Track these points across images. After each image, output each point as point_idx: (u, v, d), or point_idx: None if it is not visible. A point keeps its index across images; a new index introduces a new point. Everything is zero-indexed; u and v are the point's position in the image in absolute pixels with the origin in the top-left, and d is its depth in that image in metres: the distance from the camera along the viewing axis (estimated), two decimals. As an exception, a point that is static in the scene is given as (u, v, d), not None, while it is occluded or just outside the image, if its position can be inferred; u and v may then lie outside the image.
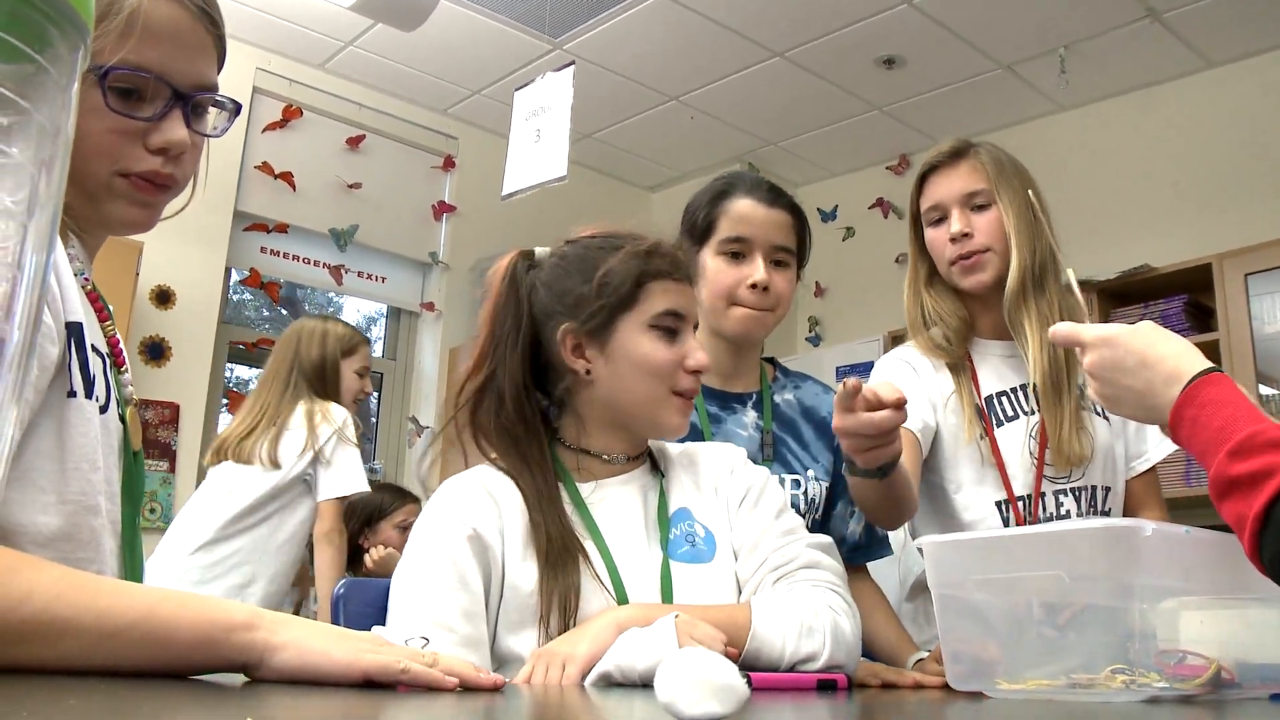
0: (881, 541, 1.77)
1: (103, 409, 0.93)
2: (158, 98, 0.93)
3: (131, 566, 0.99)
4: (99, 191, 0.93)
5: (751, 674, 0.62)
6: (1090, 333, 1.10)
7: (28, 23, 0.36)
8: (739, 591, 1.26)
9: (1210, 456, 0.94)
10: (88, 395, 0.91)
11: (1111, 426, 1.73)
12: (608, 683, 1.06)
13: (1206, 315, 3.92)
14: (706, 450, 1.41)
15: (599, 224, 1.35)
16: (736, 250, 1.66)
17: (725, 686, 0.57)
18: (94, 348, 0.93)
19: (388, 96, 4.73)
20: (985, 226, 1.67)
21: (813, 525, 1.72)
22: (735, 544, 1.29)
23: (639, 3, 3.96)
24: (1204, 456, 0.95)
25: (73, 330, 0.89)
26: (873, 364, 1.87)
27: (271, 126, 4.42)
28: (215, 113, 1.01)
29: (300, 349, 2.94)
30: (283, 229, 4.45)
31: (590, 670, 1.08)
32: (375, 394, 4.67)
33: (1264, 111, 4.05)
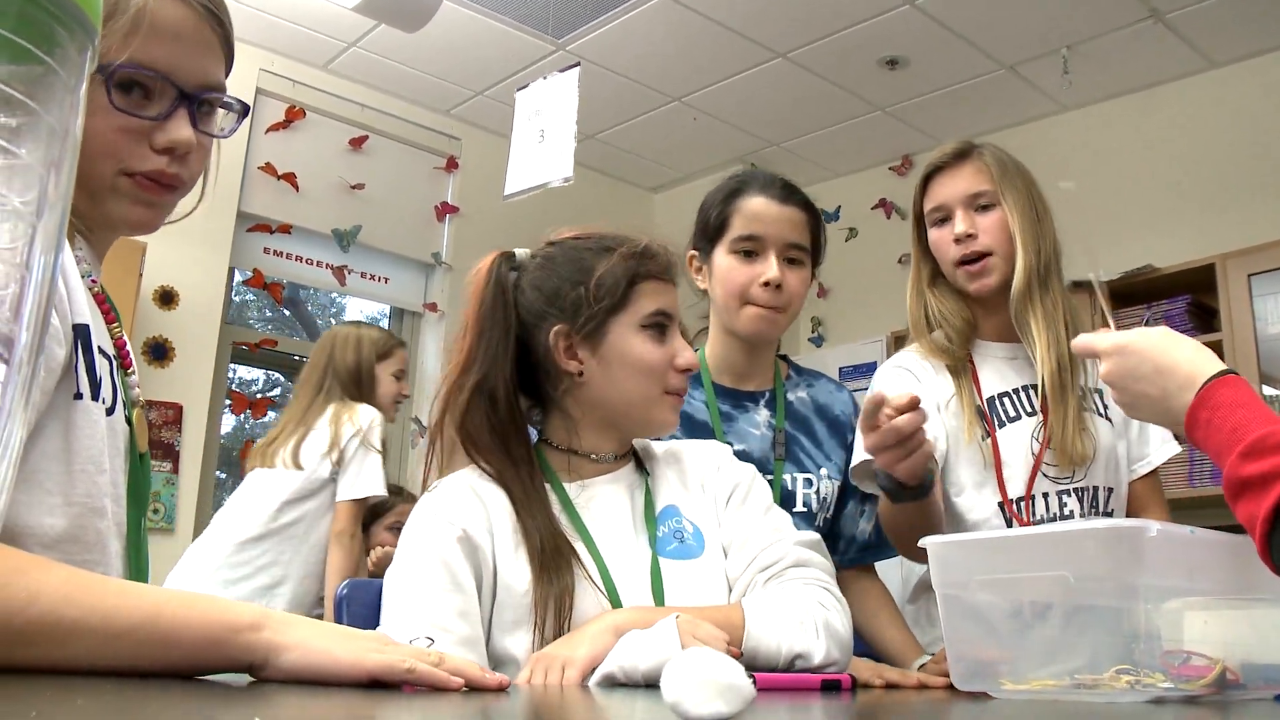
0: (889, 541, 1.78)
1: (109, 411, 0.93)
2: (163, 97, 0.93)
3: (137, 568, 0.99)
4: (103, 191, 0.93)
5: (756, 674, 0.62)
6: (1105, 342, 1.12)
7: (36, 24, 0.36)
8: (729, 588, 1.26)
9: (1224, 458, 0.94)
10: (94, 397, 0.90)
11: (1114, 428, 1.73)
12: (611, 684, 1.06)
13: (1210, 316, 3.91)
14: (691, 447, 1.42)
15: (579, 225, 1.36)
16: (749, 249, 1.65)
17: (731, 686, 0.57)
18: (100, 350, 0.93)
19: (391, 97, 4.73)
20: (989, 227, 1.67)
21: (825, 523, 1.72)
22: (724, 541, 1.30)
23: (641, 3, 3.96)
24: (1219, 458, 0.96)
25: (79, 332, 0.89)
26: (875, 364, 1.87)
27: (275, 127, 4.43)
28: (223, 114, 1.02)
29: (334, 354, 2.95)
30: (286, 230, 4.45)
31: (590, 673, 1.08)
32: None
33: (1267, 111, 4.04)
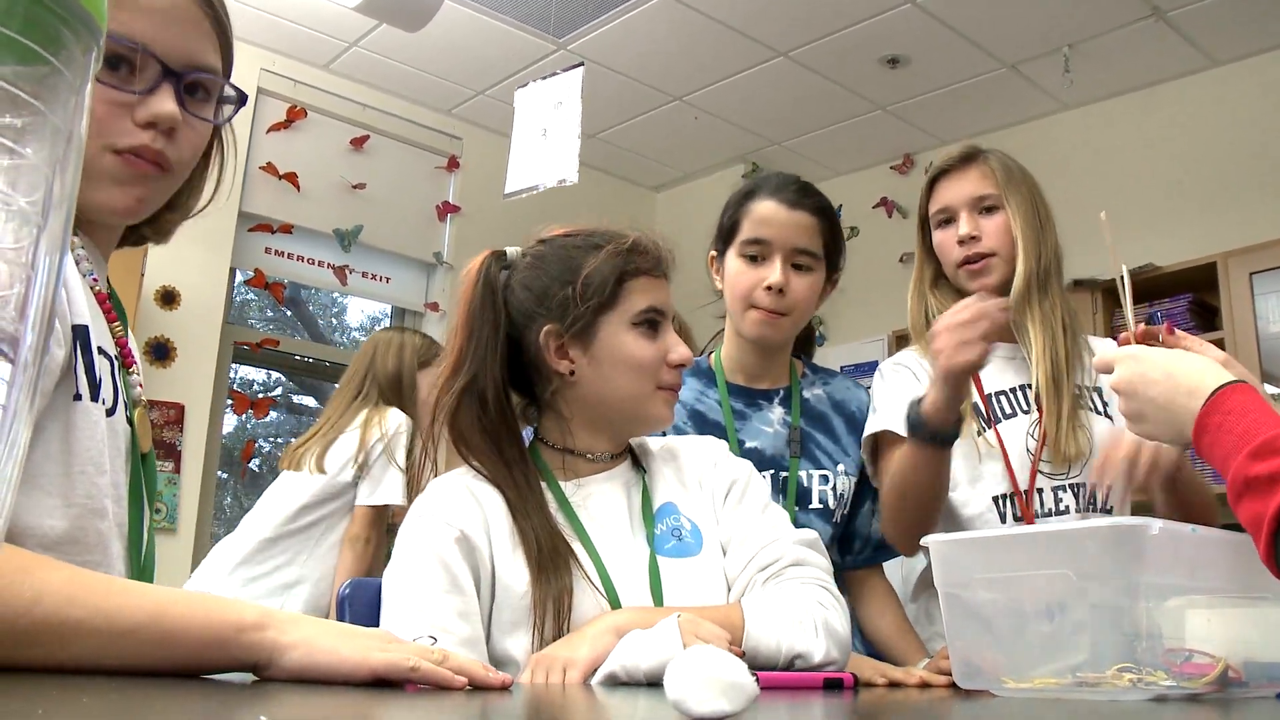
0: None
1: (109, 411, 0.93)
2: (147, 71, 0.91)
3: (140, 569, 0.99)
4: (90, 174, 0.90)
5: (759, 673, 0.62)
6: (1120, 352, 1.15)
7: (42, 25, 0.36)
8: (727, 586, 1.26)
9: (1231, 460, 0.94)
10: (93, 398, 0.90)
11: (1114, 425, 1.74)
12: (613, 683, 1.06)
13: (1211, 314, 3.91)
14: (687, 444, 1.41)
15: (570, 223, 1.35)
16: (755, 253, 1.65)
17: (735, 684, 0.57)
18: (101, 350, 0.93)
19: (392, 97, 4.73)
20: (992, 230, 1.69)
21: (841, 519, 1.72)
22: (722, 538, 1.29)
23: (643, 3, 3.97)
24: (1226, 461, 0.95)
25: (78, 333, 0.88)
26: (877, 363, 1.88)
27: (276, 127, 4.43)
28: (227, 109, 1.01)
29: (375, 360, 2.93)
30: (287, 229, 4.46)
31: (591, 674, 1.08)
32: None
33: (1268, 110, 4.04)
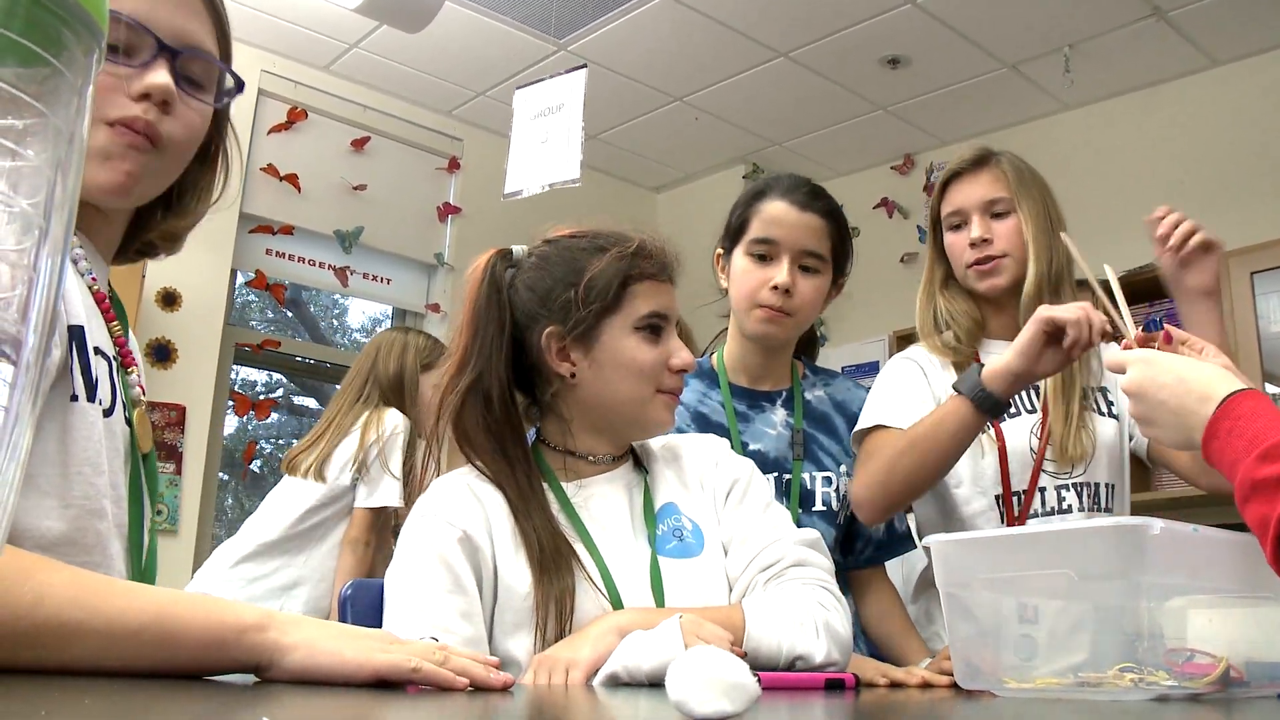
0: (903, 538, 1.79)
1: (107, 412, 0.93)
2: (141, 47, 0.92)
3: (141, 569, 0.99)
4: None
5: (760, 674, 0.62)
6: (1133, 355, 1.16)
7: (43, 27, 0.36)
8: (728, 586, 1.26)
9: (1240, 463, 0.93)
10: (90, 399, 0.90)
11: (1119, 425, 1.74)
12: (615, 683, 1.06)
13: (1212, 314, 3.91)
14: (689, 443, 1.41)
15: (576, 223, 1.34)
16: (763, 252, 1.65)
17: (736, 685, 0.57)
18: (98, 350, 0.93)
19: (392, 98, 4.73)
20: (1004, 233, 1.71)
21: (845, 521, 1.72)
22: (723, 538, 1.29)
23: (643, 3, 3.96)
24: (1235, 464, 0.95)
25: (73, 334, 0.88)
26: (878, 364, 1.88)
27: (276, 129, 4.43)
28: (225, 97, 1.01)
29: (378, 361, 2.90)
30: (288, 231, 4.45)
31: (593, 675, 1.08)
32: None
33: (1269, 110, 4.04)
